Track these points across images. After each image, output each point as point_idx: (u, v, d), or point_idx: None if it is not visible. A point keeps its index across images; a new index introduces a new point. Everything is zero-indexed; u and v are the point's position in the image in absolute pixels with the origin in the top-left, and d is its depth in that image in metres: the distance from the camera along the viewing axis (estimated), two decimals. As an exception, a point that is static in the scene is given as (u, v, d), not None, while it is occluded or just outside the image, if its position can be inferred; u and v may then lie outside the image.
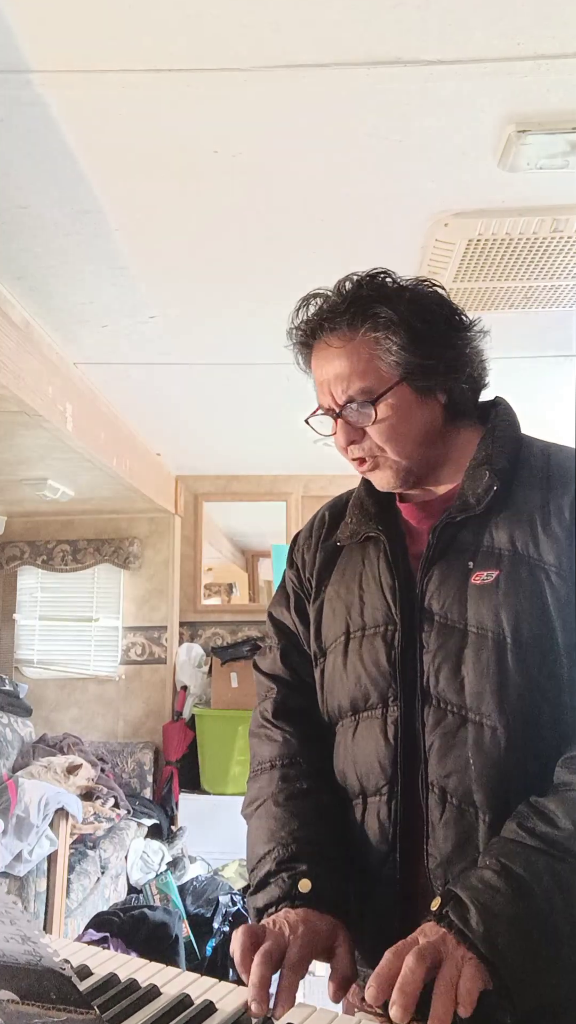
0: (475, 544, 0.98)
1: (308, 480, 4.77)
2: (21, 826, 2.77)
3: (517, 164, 1.54)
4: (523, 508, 0.97)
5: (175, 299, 2.26)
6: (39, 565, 4.70)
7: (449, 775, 0.91)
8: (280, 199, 1.74)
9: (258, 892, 0.95)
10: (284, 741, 1.06)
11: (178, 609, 4.74)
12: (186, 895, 3.36)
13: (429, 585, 0.98)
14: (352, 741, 1.01)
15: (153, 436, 3.90)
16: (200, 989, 0.84)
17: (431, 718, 0.94)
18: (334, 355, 0.99)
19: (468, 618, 0.94)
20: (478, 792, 0.90)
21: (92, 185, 1.66)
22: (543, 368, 2.81)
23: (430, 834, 0.92)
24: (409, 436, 1.01)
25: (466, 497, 0.99)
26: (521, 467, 1.01)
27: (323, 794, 1.02)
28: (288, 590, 1.18)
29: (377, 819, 0.96)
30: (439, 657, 0.95)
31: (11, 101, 1.39)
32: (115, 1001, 0.81)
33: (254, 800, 1.03)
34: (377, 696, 0.99)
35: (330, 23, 1.21)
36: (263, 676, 1.15)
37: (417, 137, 1.51)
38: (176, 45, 1.26)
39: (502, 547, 0.96)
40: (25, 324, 2.32)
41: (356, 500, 1.12)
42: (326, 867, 0.94)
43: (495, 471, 0.98)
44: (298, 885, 0.90)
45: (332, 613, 1.08)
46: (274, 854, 0.95)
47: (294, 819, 0.97)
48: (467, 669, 0.93)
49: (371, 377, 0.98)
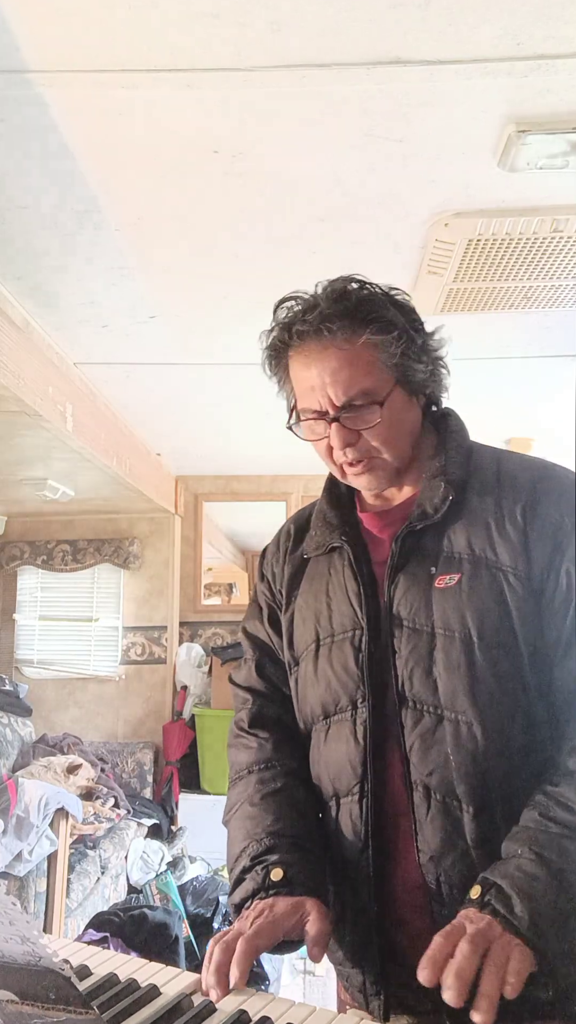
0: (435, 550, 1.02)
1: (308, 480, 4.77)
2: (21, 826, 2.77)
3: (517, 164, 1.54)
4: (478, 514, 1.02)
5: (175, 299, 2.26)
6: (39, 565, 4.70)
7: (431, 773, 0.95)
8: (280, 199, 1.74)
9: (235, 889, 0.97)
10: (259, 747, 1.10)
11: (178, 609, 4.74)
12: (186, 895, 3.36)
13: (396, 592, 1.02)
14: (324, 744, 1.05)
15: (153, 436, 3.90)
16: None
17: (409, 720, 0.98)
18: (333, 357, 1.00)
19: (435, 621, 0.98)
20: (460, 785, 0.93)
21: (92, 185, 1.66)
22: (543, 368, 2.80)
23: (418, 831, 0.95)
24: (402, 437, 1.05)
25: (424, 507, 1.03)
26: (473, 475, 1.06)
27: (298, 791, 1.05)
28: (261, 603, 1.21)
29: (350, 819, 1.00)
30: (411, 661, 0.98)
31: (11, 101, 1.39)
32: (115, 1001, 0.81)
33: (232, 806, 1.07)
34: (347, 699, 1.02)
35: (330, 23, 1.21)
36: (239, 689, 1.19)
37: (417, 137, 1.51)
38: (176, 45, 1.26)
39: (461, 552, 1.00)
40: (25, 324, 2.32)
41: (319, 513, 1.16)
42: (300, 856, 0.96)
43: (449, 481, 1.03)
44: (271, 875, 0.93)
45: (302, 622, 1.12)
46: (248, 850, 0.98)
47: (268, 815, 1.01)
48: (439, 670, 0.97)
49: (372, 379, 1.00)
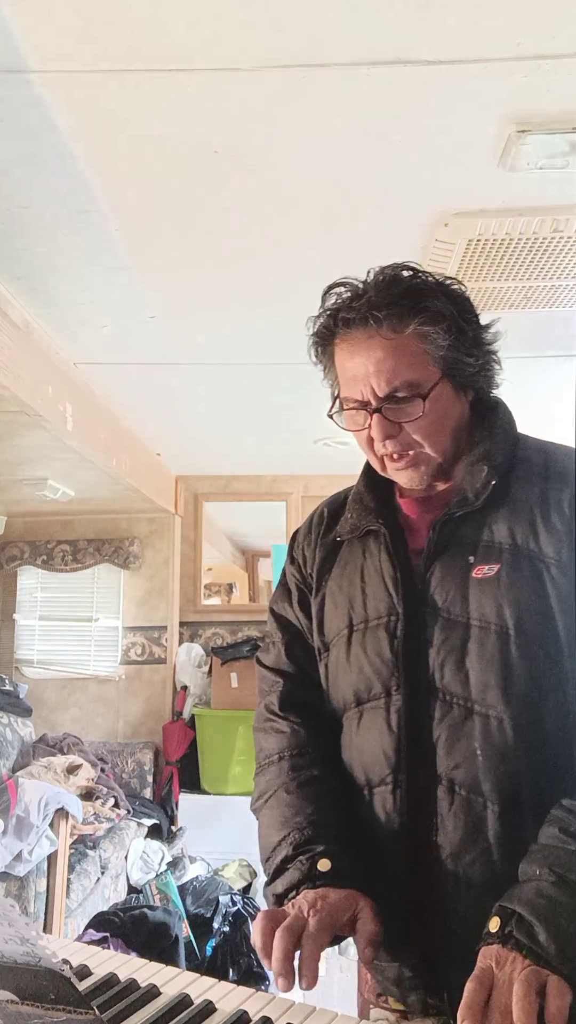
0: (475, 539, 0.98)
1: (308, 480, 4.77)
2: (21, 826, 2.77)
3: (517, 164, 1.54)
4: (522, 503, 0.98)
5: (175, 299, 2.26)
6: (39, 565, 4.70)
7: (457, 766, 0.92)
8: (280, 199, 1.73)
9: (276, 878, 0.94)
10: (292, 732, 1.06)
11: (178, 609, 4.74)
12: (186, 895, 3.36)
13: (431, 580, 0.99)
14: (357, 732, 1.01)
15: (153, 436, 3.89)
16: (200, 989, 0.84)
17: (438, 711, 0.95)
18: (378, 346, 0.96)
19: (471, 612, 0.95)
20: (485, 782, 0.90)
21: (92, 185, 1.66)
22: (543, 368, 2.81)
23: (439, 825, 0.92)
24: (445, 431, 1.01)
25: (465, 493, 0.99)
26: (518, 464, 1.02)
27: (334, 780, 1.02)
28: (290, 585, 1.17)
29: (384, 809, 0.97)
30: (444, 651, 0.95)
31: (11, 101, 1.39)
32: (115, 1001, 0.81)
33: (264, 793, 1.03)
34: (380, 686, 0.99)
35: (330, 23, 1.21)
36: (267, 671, 1.15)
37: (417, 137, 1.51)
38: (176, 45, 1.26)
39: (502, 541, 0.97)
40: (25, 324, 2.32)
41: (355, 495, 1.12)
42: (344, 847, 0.94)
43: (493, 466, 0.99)
44: (317, 865, 0.91)
45: (334, 607, 1.08)
46: (290, 839, 0.95)
47: (308, 804, 0.97)
48: (471, 662, 0.93)
49: (417, 371, 0.97)
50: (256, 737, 1.11)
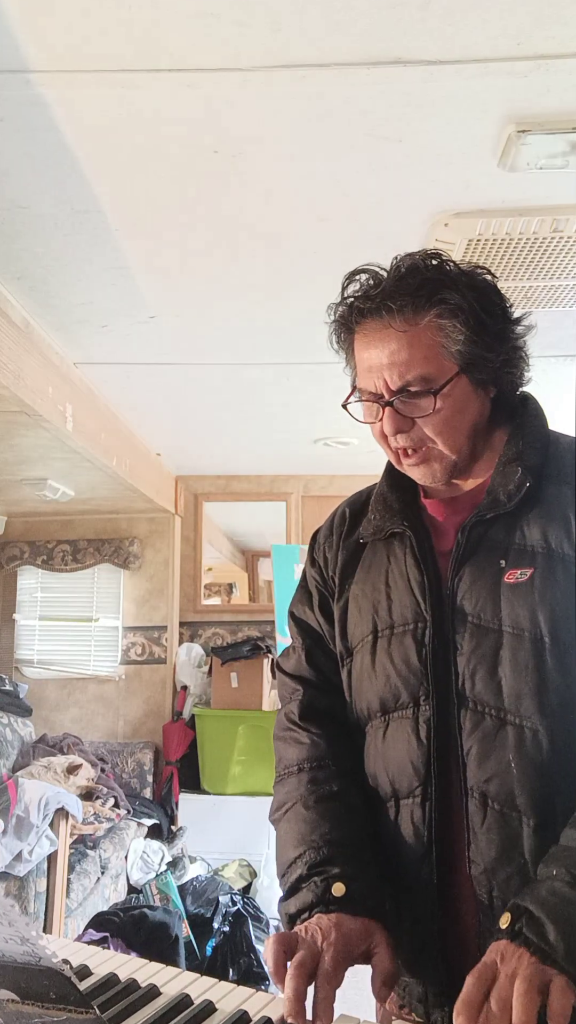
0: (506, 542, 0.95)
1: (308, 480, 4.77)
2: (21, 826, 2.77)
3: (517, 164, 1.54)
4: (556, 505, 0.94)
5: (175, 299, 2.26)
6: (39, 565, 4.70)
7: (490, 779, 0.89)
8: (280, 199, 1.74)
9: (290, 897, 0.92)
10: (312, 743, 1.03)
11: (178, 609, 4.74)
12: (186, 895, 3.36)
13: (460, 585, 0.95)
14: (383, 742, 0.98)
15: (153, 436, 3.90)
16: (200, 989, 0.85)
17: (468, 721, 0.91)
18: (392, 338, 0.93)
19: (503, 618, 0.91)
20: (521, 796, 0.87)
21: (92, 185, 1.66)
22: (543, 368, 2.80)
23: (471, 841, 0.89)
24: (461, 429, 0.97)
25: (496, 494, 0.96)
26: (551, 463, 0.97)
27: (354, 796, 0.99)
28: (311, 588, 1.13)
29: (411, 822, 0.94)
30: (474, 659, 0.92)
31: (11, 101, 1.39)
32: (115, 1001, 0.81)
33: (282, 804, 1.00)
34: (408, 695, 0.96)
35: (330, 23, 1.21)
36: (288, 677, 1.11)
37: (417, 137, 1.51)
38: (176, 45, 1.26)
39: (535, 545, 0.93)
40: (25, 324, 2.32)
41: (379, 495, 1.08)
42: (360, 870, 0.91)
43: (527, 467, 0.95)
44: (331, 889, 0.88)
45: (358, 612, 1.05)
46: (305, 858, 0.92)
47: (325, 822, 0.94)
48: (504, 670, 0.90)
49: (432, 365, 0.93)
50: (276, 746, 1.08)
